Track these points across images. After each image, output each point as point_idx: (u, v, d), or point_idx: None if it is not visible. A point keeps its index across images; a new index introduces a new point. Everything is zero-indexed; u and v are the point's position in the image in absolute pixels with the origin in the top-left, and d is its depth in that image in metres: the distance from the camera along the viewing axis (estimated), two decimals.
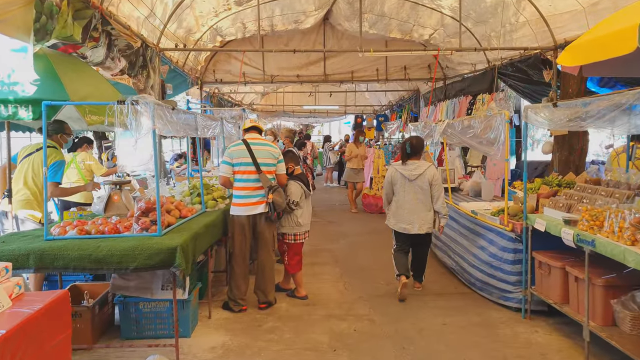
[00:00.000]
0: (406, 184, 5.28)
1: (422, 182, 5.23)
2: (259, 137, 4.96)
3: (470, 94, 10.19)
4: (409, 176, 5.25)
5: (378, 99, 18.47)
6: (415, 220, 5.23)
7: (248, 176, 4.73)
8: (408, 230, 5.26)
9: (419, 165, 5.28)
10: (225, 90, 13.91)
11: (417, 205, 5.24)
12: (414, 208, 5.24)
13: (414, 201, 5.24)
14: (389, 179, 5.47)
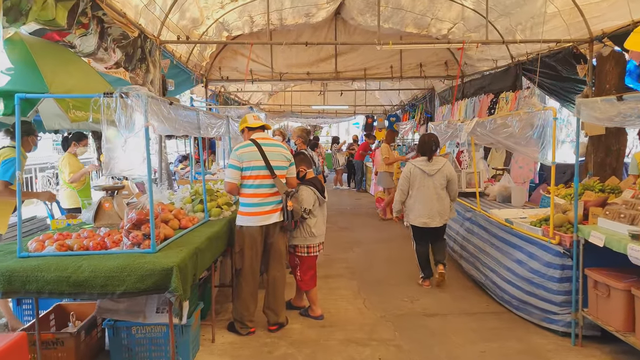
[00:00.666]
0: (425, 180, 5.53)
1: (440, 177, 5.52)
2: (268, 137, 4.38)
3: (491, 92, 9.56)
4: (429, 171, 5.52)
5: (389, 99, 17.86)
6: (435, 214, 5.50)
7: (261, 181, 4.15)
8: (428, 224, 5.52)
9: (437, 161, 5.59)
10: (231, 89, 13.35)
11: (436, 199, 5.50)
12: (433, 202, 5.50)
13: (433, 196, 5.50)
14: (406, 176, 5.65)
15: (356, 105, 18.32)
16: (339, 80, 11.38)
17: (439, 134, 7.50)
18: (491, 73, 9.78)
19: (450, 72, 10.97)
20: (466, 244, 6.05)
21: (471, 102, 10.29)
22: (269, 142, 4.28)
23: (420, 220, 5.54)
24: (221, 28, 8.69)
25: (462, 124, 6.23)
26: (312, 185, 4.59)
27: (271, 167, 4.13)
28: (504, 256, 4.99)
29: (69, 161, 5.71)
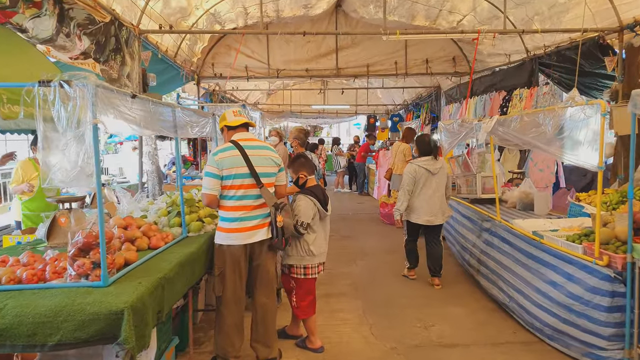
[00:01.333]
0: (429, 179, 5.58)
1: (442, 176, 5.64)
2: (252, 137, 3.66)
3: (504, 90, 8.84)
4: (433, 170, 5.59)
5: (392, 98, 17.14)
6: (438, 212, 5.58)
7: (245, 192, 3.43)
8: (432, 222, 5.56)
9: (437, 160, 5.70)
10: (227, 87, 12.62)
11: (438, 197, 5.59)
12: (436, 201, 5.57)
13: (436, 194, 5.58)
14: (412, 176, 5.61)
15: (357, 105, 17.61)
16: (340, 78, 10.67)
17: (451, 134, 6.79)
18: (503, 69, 9.07)
19: (459, 68, 10.26)
20: (485, 258, 5.33)
21: (481, 100, 9.58)
22: (253, 143, 3.56)
23: (424, 218, 5.57)
24: (212, 20, 7.97)
25: (479, 123, 5.51)
26: (313, 195, 3.87)
27: (257, 175, 3.41)
28: (533, 276, 4.27)
29: (20, 167, 4.89)
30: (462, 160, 7.09)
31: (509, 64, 8.75)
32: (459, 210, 6.47)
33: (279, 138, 7.86)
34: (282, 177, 3.71)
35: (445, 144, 7.12)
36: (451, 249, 6.81)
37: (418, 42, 10.05)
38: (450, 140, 6.88)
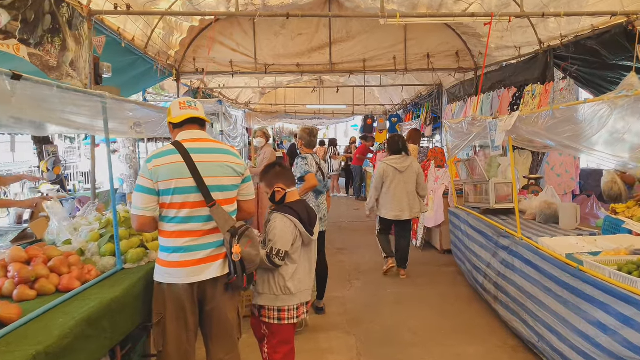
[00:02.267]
0: (397, 176, 5.79)
1: (410, 173, 5.82)
2: (205, 137, 2.72)
3: (514, 86, 7.92)
4: (400, 168, 5.79)
5: (390, 97, 16.22)
6: (405, 208, 5.78)
7: (191, 212, 2.50)
8: (400, 217, 5.79)
9: (406, 159, 5.86)
10: (213, 84, 11.70)
11: (406, 194, 5.79)
12: (403, 197, 5.77)
13: (404, 191, 5.78)
14: (380, 174, 5.86)
15: (354, 105, 16.69)
16: (334, 74, 9.76)
17: (459, 135, 5.87)
18: (513, 63, 8.15)
19: (463, 63, 9.34)
20: (504, 283, 4.39)
21: (488, 98, 8.65)
22: (204, 145, 2.63)
23: (392, 213, 5.81)
24: (190, 8, 7.04)
25: (494, 121, 4.59)
26: (294, 214, 2.93)
27: (206, 188, 2.49)
28: (571, 313, 3.33)
29: None
30: (472, 164, 6.16)
31: (519, 57, 7.84)
32: (469, 222, 5.54)
33: (266, 139, 6.95)
34: (249, 190, 2.78)
35: (450, 145, 6.21)
36: (460, 267, 5.88)
37: (418, 35, 9.14)
38: (458, 142, 5.96)
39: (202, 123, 2.77)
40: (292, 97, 17.60)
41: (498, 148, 4.64)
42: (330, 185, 5.10)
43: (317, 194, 4.73)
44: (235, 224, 2.57)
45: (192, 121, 2.70)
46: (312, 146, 4.98)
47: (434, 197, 6.90)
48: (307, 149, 4.97)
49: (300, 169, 4.58)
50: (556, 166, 6.85)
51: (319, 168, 4.78)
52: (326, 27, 8.94)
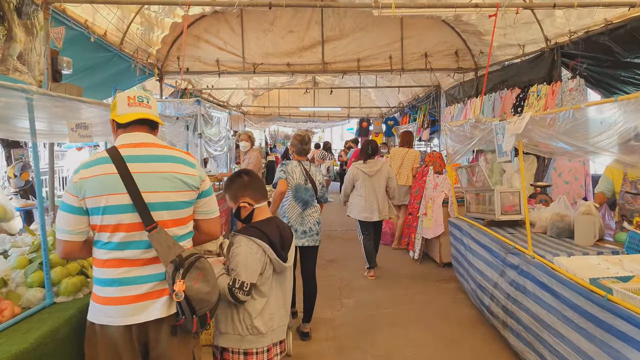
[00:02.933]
0: (366, 180, 5.94)
1: (379, 177, 5.96)
2: (150, 140, 2.17)
3: (517, 86, 7.41)
4: (369, 172, 5.94)
5: (386, 100, 15.70)
6: (374, 210, 5.89)
7: (126, 237, 1.96)
8: (369, 218, 5.91)
9: (376, 163, 5.99)
10: (202, 85, 11.15)
11: (375, 197, 5.90)
12: (372, 199, 5.90)
13: (372, 194, 5.91)
14: (350, 177, 6.05)
15: (350, 107, 16.18)
16: (327, 74, 9.23)
17: (460, 139, 5.34)
18: (516, 62, 7.65)
19: (462, 63, 8.84)
20: (514, 308, 3.85)
21: (489, 100, 8.14)
22: (147, 151, 2.10)
23: (363, 215, 5.96)
24: None
25: (501, 123, 4.06)
26: (262, 237, 2.38)
27: (145, 207, 1.95)
28: (599, 350, 2.79)
29: None
30: (474, 170, 5.63)
31: (523, 56, 7.33)
32: (471, 235, 5.00)
33: (250, 143, 6.42)
34: (209, 206, 2.24)
35: (451, 150, 5.67)
36: (462, 284, 5.33)
37: (415, 33, 8.65)
38: (459, 147, 5.43)
39: (153, 125, 2.23)
40: (285, 99, 17.09)
41: (506, 154, 4.10)
42: (326, 196, 4.63)
43: (304, 205, 4.34)
44: (183, 252, 2.02)
45: (140, 122, 2.16)
46: (303, 153, 4.58)
47: (433, 206, 6.36)
48: (297, 156, 4.59)
49: (276, 175, 4.41)
50: (564, 173, 6.33)
51: (307, 176, 4.42)
52: (318, 24, 8.42)
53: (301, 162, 4.49)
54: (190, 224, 2.20)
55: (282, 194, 4.29)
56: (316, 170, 4.56)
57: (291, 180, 4.35)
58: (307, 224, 4.36)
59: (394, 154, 7.60)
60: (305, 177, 4.41)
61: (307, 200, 4.34)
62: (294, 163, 4.45)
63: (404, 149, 7.57)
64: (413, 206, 7.04)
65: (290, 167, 4.38)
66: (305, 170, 4.44)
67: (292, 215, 4.33)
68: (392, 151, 7.71)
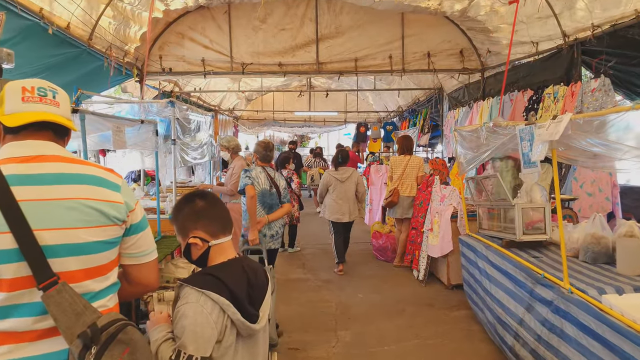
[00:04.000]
0: (338, 185, 6.54)
1: (350, 183, 6.55)
2: (52, 151, 1.47)
3: (529, 88, 6.72)
4: (340, 178, 6.55)
5: (384, 104, 15.01)
6: (345, 212, 6.51)
7: (8, 298, 1.28)
8: (341, 219, 6.51)
9: (347, 170, 6.62)
10: (190, 88, 10.43)
11: (345, 200, 6.51)
12: (342, 203, 6.50)
13: (344, 198, 6.52)
14: (325, 182, 6.66)
15: (347, 112, 15.50)
16: (322, 75, 8.53)
17: (474, 146, 4.63)
18: (528, 62, 6.95)
19: (467, 64, 8.15)
20: (548, 355, 3.11)
21: (496, 103, 7.44)
22: (45, 168, 1.41)
23: (335, 216, 6.49)
24: None
25: (528, 127, 3.35)
26: (221, 289, 1.65)
27: (39, 253, 1.25)
28: None
29: None
30: (488, 182, 4.90)
31: (537, 54, 6.64)
32: (488, 257, 4.27)
33: (230, 151, 5.71)
34: (143, 246, 1.55)
35: (462, 158, 4.96)
36: (476, 313, 4.60)
37: (417, 31, 7.97)
38: (473, 155, 4.71)
39: (61, 131, 1.51)
40: (280, 104, 16.41)
41: (535, 164, 3.38)
42: (287, 199, 4.76)
43: (269, 210, 4.56)
44: (99, 318, 1.30)
45: (40, 126, 1.45)
46: (267, 160, 4.75)
47: (440, 221, 5.63)
48: (261, 162, 4.76)
49: (241, 182, 4.53)
50: (586, 183, 5.63)
51: (271, 182, 4.60)
52: (312, 22, 7.73)
53: (265, 168, 4.65)
54: (112, 273, 1.49)
55: (253, 198, 4.39)
56: (279, 177, 4.74)
57: (257, 186, 4.48)
58: (274, 227, 4.62)
59: (395, 163, 6.87)
60: (270, 182, 4.57)
61: (272, 205, 4.56)
62: (258, 169, 4.60)
63: (405, 156, 6.85)
64: (417, 220, 6.31)
65: (255, 173, 4.53)
66: (270, 176, 4.61)
67: (265, 228, 4.53)
68: (393, 160, 6.99)
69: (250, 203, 4.39)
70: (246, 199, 4.41)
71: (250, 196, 4.38)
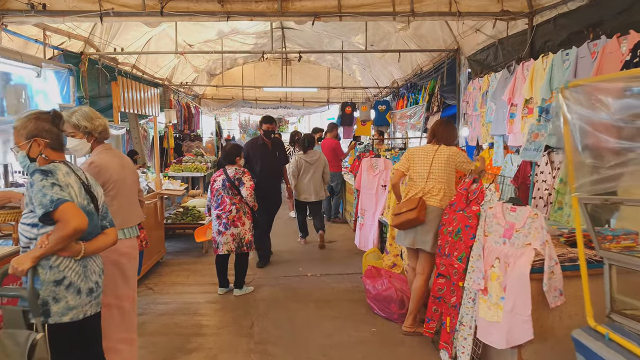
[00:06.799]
0: (307, 167, 6.87)
1: (317, 165, 6.93)
2: None
3: (632, 29, 3.85)
4: (310, 161, 6.88)
5: (373, 79, 12.05)
6: (312, 192, 6.89)
7: None
8: (308, 199, 6.92)
9: (315, 154, 6.98)
10: (108, 49, 7.35)
11: (313, 182, 6.89)
12: (311, 183, 6.88)
13: (312, 179, 6.88)
14: (296, 165, 6.89)
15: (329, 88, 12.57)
16: (287, 18, 5.58)
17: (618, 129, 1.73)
18: None
19: (508, 4, 5.27)
20: None
21: (566, 59, 4.57)
22: None
23: (303, 196, 6.91)
24: None
25: None
26: None
27: None
28: None
29: None
30: None
31: None
32: None
33: (83, 134, 2.80)
34: None
35: (586, 155, 2.08)
36: None
37: None
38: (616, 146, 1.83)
39: None
40: (251, 80, 13.42)
41: None
42: (110, 221, 2.39)
43: (85, 235, 2.25)
44: None
45: None
46: (59, 147, 2.31)
47: (505, 276, 2.79)
48: (54, 152, 2.30)
49: (41, 198, 2.08)
50: None
51: (87, 191, 2.33)
52: None
53: (68, 164, 2.31)
54: None
55: (77, 234, 2.11)
56: (93, 182, 2.44)
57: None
58: (91, 273, 2.29)
59: (413, 156, 4.00)
60: (86, 192, 2.33)
61: (90, 231, 2.27)
62: (62, 169, 2.23)
63: (432, 145, 3.97)
64: (448, 261, 3.44)
65: (62, 177, 2.19)
66: (82, 180, 2.33)
67: (70, 271, 2.17)
68: (411, 151, 4.08)
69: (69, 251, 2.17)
70: (64, 233, 2.07)
71: (78, 230, 2.10)
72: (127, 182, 3.08)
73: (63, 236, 2.02)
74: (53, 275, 2.08)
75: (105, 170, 2.86)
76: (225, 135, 15.68)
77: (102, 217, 2.38)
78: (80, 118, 2.87)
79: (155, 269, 5.82)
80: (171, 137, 10.68)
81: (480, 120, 6.17)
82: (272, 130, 6.22)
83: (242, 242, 4.87)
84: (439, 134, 4.01)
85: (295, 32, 10.67)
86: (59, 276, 2.09)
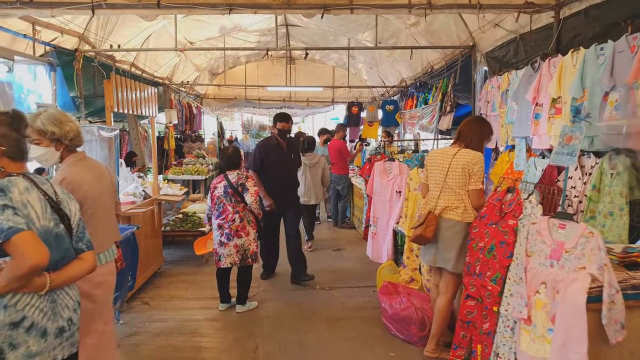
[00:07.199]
0: (306, 170, 6.79)
1: (317, 168, 6.89)
2: None
3: None
4: (309, 164, 6.81)
5: (380, 78, 11.64)
6: (312, 195, 6.91)
7: None
8: (307, 202, 6.89)
9: (314, 156, 6.92)
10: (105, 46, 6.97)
11: (313, 184, 6.88)
12: (311, 187, 6.87)
13: (311, 182, 6.87)
14: None
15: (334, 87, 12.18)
16: (294, 10, 5.20)
17: None
18: None
19: None
20: None
21: (600, 54, 4.15)
22: None
23: (303, 199, 6.65)
24: None
25: None
26: None
27: None
28: None
29: None
30: None
31: None
32: None
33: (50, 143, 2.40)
34: None
35: None
36: None
37: None
38: None
39: None
40: (254, 79, 13.04)
41: None
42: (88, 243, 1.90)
43: (53, 265, 1.85)
44: None
45: None
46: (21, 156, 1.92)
47: (553, 304, 2.38)
48: (12, 162, 1.87)
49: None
50: None
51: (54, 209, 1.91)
52: None
53: (30, 177, 1.88)
54: None
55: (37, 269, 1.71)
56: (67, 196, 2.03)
57: (31, 224, 1.75)
58: (63, 312, 1.88)
59: (431, 161, 3.59)
60: (53, 211, 1.90)
61: (62, 257, 1.89)
62: (20, 184, 1.80)
63: (452, 149, 3.56)
64: (478, 281, 3.04)
65: (18, 196, 1.76)
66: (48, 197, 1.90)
67: (32, 309, 1.75)
68: (430, 156, 3.66)
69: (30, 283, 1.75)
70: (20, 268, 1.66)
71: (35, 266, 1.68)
72: (104, 198, 2.67)
73: (17, 276, 1.62)
74: (8, 316, 1.68)
75: (78, 187, 2.44)
76: (227, 136, 15.29)
77: (78, 239, 1.98)
78: (46, 122, 2.43)
79: (153, 280, 5.42)
80: (172, 138, 10.29)
81: (500, 121, 5.75)
82: (287, 129, 5.46)
83: (246, 254, 4.47)
84: (463, 133, 3.58)
85: (300, 30, 10.27)
86: (17, 317, 1.69)
